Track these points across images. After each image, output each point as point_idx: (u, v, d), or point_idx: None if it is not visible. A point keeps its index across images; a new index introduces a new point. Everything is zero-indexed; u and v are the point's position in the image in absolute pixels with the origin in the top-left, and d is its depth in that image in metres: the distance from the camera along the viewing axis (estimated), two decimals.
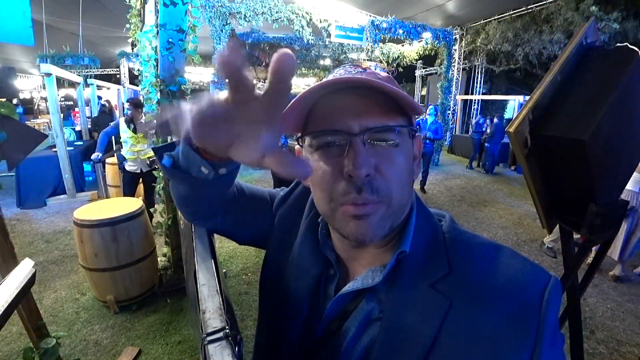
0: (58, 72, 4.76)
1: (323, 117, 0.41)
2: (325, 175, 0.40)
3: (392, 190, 0.40)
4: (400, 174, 0.40)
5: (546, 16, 7.33)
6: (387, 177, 0.39)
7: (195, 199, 0.53)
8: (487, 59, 10.67)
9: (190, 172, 0.45)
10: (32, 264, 1.14)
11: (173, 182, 0.51)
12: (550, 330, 0.36)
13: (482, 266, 0.41)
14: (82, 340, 2.21)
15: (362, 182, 0.38)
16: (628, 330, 2.48)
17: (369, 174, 0.38)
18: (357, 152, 0.37)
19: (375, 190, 0.39)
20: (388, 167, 0.39)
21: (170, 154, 0.47)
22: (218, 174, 0.44)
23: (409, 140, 0.43)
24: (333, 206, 0.41)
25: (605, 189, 1.14)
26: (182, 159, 0.45)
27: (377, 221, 0.40)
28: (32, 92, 14.88)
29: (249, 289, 2.83)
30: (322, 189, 0.42)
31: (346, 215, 0.40)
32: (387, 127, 0.39)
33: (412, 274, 0.42)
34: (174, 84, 2.35)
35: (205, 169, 0.43)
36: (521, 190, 6.12)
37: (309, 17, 6.57)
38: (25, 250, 3.37)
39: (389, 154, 0.40)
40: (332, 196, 0.40)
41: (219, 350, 0.32)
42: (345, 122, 0.39)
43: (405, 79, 16.83)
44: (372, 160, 0.38)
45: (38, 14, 6.58)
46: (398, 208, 0.42)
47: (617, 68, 1.10)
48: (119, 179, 4.20)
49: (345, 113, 0.39)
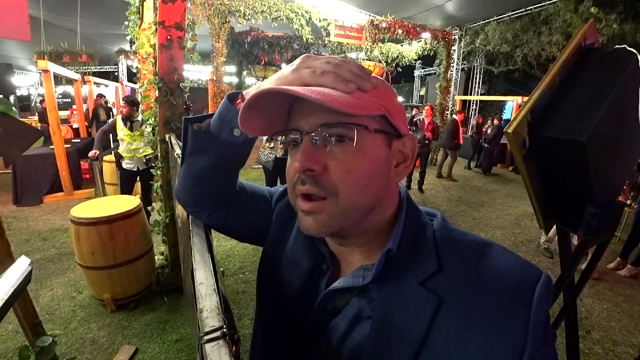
0: (55, 69, 4.74)
1: (291, 119, 0.44)
2: (290, 169, 0.44)
3: (339, 189, 0.40)
4: (352, 174, 0.40)
5: (545, 18, 7.35)
6: (334, 176, 0.40)
7: (211, 175, 0.56)
8: (486, 60, 10.70)
9: (221, 136, 0.52)
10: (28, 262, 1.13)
11: (193, 157, 0.56)
12: (540, 327, 0.36)
13: (473, 263, 0.41)
14: (78, 338, 2.20)
15: (306, 175, 0.41)
16: (624, 331, 2.50)
17: (313, 169, 0.40)
18: (302, 148, 0.41)
19: (319, 185, 0.40)
20: (337, 166, 0.40)
21: (199, 125, 0.54)
22: (247, 137, 0.53)
23: (378, 139, 0.42)
24: (293, 197, 0.45)
25: (603, 190, 1.15)
26: (215, 122, 0.52)
27: (324, 218, 0.41)
28: (29, 89, 14.78)
29: (246, 287, 2.83)
30: (287, 182, 0.46)
31: (299, 209, 0.44)
32: (338, 123, 0.39)
33: (402, 272, 0.42)
34: (172, 81, 2.34)
35: (237, 130, 0.51)
36: (519, 190, 6.14)
37: (309, 16, 6.56)
38: (22, 248, 3.36)
39: (340, 154, 0.40)
40: (291, 187, 0.44)
41: (216, 349, 0.32)
42: (299, 122, 0.42)
43: (405, 79, 16.86)
44: (319, 157, 0.40)
45: (36, 10, 6.54)
46: (351, 208, 0.41)
47: (616, 70, 1.11)
48: (116, 177, 4.19)
49: (300, 114, 0.42)
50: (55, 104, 4.67)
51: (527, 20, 7.77)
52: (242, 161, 0.59)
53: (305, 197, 0.42)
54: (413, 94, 16.42)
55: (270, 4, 6.11)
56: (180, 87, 2.39)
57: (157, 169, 2.61)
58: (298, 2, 6.40)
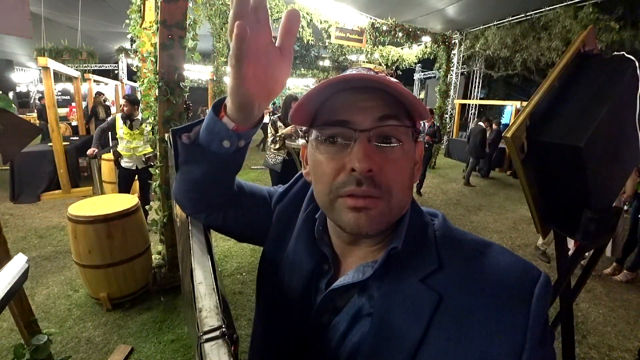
0: (55, 66, 4.73)
1: (332, 112, 0.42)
2: (328, 168, 0.41)
3: (392, 189, 0.40)
4: (402, 174, 0.41)
5: (545, 23, 7.41)
6: (389, 176, 0.40)
7: (207, 182, 0.55)
8: (485, 64, 10.75)
9: (211, 148, 0.50)
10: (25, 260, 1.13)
11: (186, 166, 0.54)
12: (540, 326, 0.36)
13: (473, 262, 0.41)
14: (73, 337, 2.19)
15: (364, 176, 0.39)
16: (620, 336, 2.51)
17: (372, 170, 0.39)
18: (362, 147, 0.39)
19: (376, 185, 0.39)
20: (391, 166, 0.40)
21: (188, 135, 0.52)
22: (238, 146, 0.50)
23: (412, 143, 0.43)
24: (332, 197, 0.42)
25: (600, 195, 1.16)
26: (204, 134, 0.50)
27: (375, 215, 0.40)
28: (28, 86, 14.73)
29: (243, 288, 2.82)
30: (323, 182, 0.43)
31: (344, 206, 0.41)
32: (394, 126, 0.40)
33: (403, 269, 0.42)
34: (172, 81, 2.34)
35: (227, 142, 0.49)
36: (517, 194, 6.16)
37: (310, 18, 6.59)
38: (18, 246, 3.34)
39: (392, 154, 0.41)
40: (332, 188, 0.41)
41: (215, 348, 0.32)
42: (353, 117, 0.40)
43: (404, 82, 16.92)
44: (377, 157, 0.39)
45: (37, 7, 6.53)
46: (397, 208, 0.42)
47: (614, 76, 1.12)
48: (115, 175, 4.17)
49: (354, 109, 0.40)
50: (54, 101, 4.66)
51: (527, 26, 7.83)
52: (238, 167, 0.57)
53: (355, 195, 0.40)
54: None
55: (271, 5, 6.12)
56: (181, 87, 2.39)
57: (156, 168, 2.60)
58: (299, 3, 6.42)
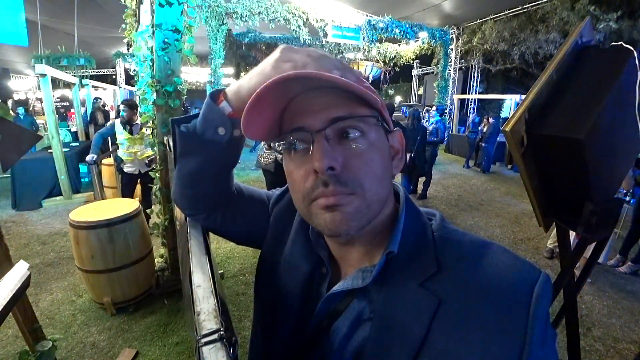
0: (53, 73, 4.73)
1: (291, 120, 0.42)
2: (298, 175, 0.42)
3: (363, 182, 0.39)
4: (371, 166, 0.40)
5: (542, 16, 7.38)
6: (356, 171, 0.39)
7: (202, 175, 0.56)
8: (483, 59, 10.72)
9: (206, 135, 0.51)
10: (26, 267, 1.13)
11: (183, 158, 0.55)
12: (540, 327, 0.36)
13: (472, 264, 0.41)
14: (78, 342, 2.19)
15: (327, 175, 0.38)
16: (624, 327, 2.50)
17: (334, 167, 0.38)
18: (319, 147, 0.38)
19: (343, 183, 0.39)
20: (357, 160, 0.39)
21: (186, 125, 0.54)
22: (232, 135, 0.51)
23: (380, 131, 0.43)
24: (307, 203, 0.41)
25: (601, 187, 1.15)
26: (200, 123, 0.51)
27: (351, 212, 0.39)
28: (27, 93, 14.77)
29: (246, 289, 2.83)
30: (296, 190, 0.43)
31: (318, 208, 0.40)
32: (350, 116, 0.39)
33: (402, 273, 0.42)
34: (170, 84, 2.34)
35: (222, 128, 0.50)
36: (518, 189, 6.14)
37: (306, 17, 6.58)
38: (21, 253, 3.35)
39: (357, 147, 0.40)
40: (304, 194, 0.41)
41: (213, 352, 0.31)
42: (307, 120, 0.40)
43: (402, 78, 16.90)
44: (337, 156, 0.39)
45: (33, 14, 6.52)
46: (374, 202, 0.41)
47: (613, 67, 1.11)
48: (115, 180, 4.18)
49: (307, 112, 0.40)
50: (53, 108, 4.66)
51: (524, 19, 7.80)
52: (233, 162, 0.58)
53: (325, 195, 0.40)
54: (411, 94, 16.46)
55: (267, 5, 6.12)
56: (178, 90, 2.39)
57: (156, 171, 2.61)
58: (295, 3, 6.40)
